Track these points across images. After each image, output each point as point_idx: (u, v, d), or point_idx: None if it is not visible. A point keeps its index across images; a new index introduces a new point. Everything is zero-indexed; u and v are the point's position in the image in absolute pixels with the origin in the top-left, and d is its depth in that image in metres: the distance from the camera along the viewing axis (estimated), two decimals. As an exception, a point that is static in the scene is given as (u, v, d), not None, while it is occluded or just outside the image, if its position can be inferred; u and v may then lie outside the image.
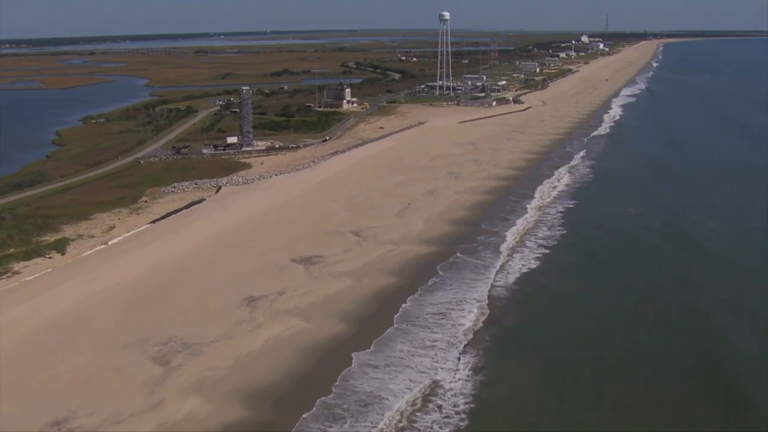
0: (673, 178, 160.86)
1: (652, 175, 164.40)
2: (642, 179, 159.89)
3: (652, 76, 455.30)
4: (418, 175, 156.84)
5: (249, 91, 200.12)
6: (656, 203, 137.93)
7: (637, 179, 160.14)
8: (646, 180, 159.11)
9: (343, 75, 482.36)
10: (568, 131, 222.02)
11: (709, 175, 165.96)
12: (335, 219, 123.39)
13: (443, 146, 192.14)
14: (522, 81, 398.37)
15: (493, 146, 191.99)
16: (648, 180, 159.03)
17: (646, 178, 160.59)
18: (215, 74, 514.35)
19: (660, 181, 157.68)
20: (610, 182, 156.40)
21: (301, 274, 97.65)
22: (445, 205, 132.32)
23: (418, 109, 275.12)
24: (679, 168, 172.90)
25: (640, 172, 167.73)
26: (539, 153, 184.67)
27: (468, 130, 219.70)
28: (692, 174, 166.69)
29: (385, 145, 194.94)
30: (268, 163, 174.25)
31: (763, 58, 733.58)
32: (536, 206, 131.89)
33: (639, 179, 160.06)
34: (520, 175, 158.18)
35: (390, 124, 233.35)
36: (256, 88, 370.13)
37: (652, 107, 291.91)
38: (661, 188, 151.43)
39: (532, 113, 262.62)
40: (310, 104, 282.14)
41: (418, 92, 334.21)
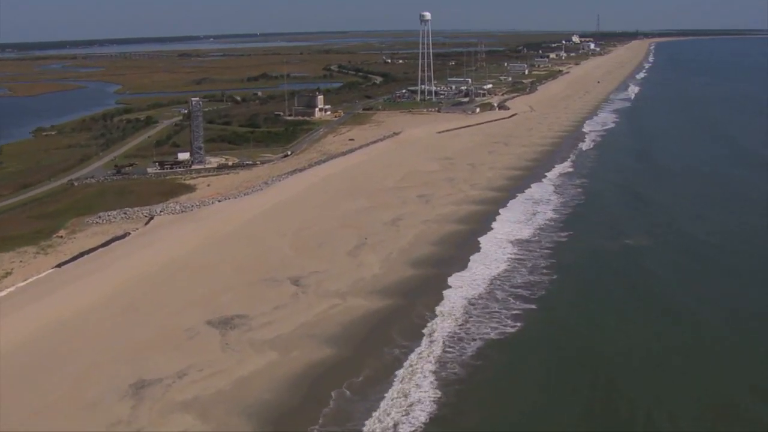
0: (668, 197, 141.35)
1: (646, 195, 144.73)
2: (636, 200, 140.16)
3: (644, 78, 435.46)
4: (383, 199, 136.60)
5: (199, 102, 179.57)
6: (656, 231, 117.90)
7: (631, 200, 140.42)
8: (640, 201, 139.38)
9: (323, 79, 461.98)
10: (556, 142, 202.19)
11: (705, 196, 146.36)
12: (275, 260, 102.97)
13: (417, 161, 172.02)
14: (509, 84, 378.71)
15: (473, 161, 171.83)
16: (643, 201, 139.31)
17: (640, 199, 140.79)
18: (192, 79, 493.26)
19: (656, 202, 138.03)
20: (604, 204, 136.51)
21: (215, 343, 77.25)
22: (410, 239, 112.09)
23: (395, 116, 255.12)
24: (676, 186, 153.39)
25: (635, 191, 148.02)
26: (523, 169, 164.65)
27: (446, 142, 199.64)
28: (690, 191, 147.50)
29: (353, 160, 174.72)
30: (216, 184, 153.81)
31: (757, 56, 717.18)
32: (516, 240, 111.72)
33: (633, 200, 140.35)
34: (500, 198, 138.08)
35: (362, 134, 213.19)
36: (228, 95, 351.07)
37: (645, 113, 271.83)
38: (656, 210, 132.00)
39: (518, 121, 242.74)
40: (280, 113, 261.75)
41: (398, 97, 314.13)
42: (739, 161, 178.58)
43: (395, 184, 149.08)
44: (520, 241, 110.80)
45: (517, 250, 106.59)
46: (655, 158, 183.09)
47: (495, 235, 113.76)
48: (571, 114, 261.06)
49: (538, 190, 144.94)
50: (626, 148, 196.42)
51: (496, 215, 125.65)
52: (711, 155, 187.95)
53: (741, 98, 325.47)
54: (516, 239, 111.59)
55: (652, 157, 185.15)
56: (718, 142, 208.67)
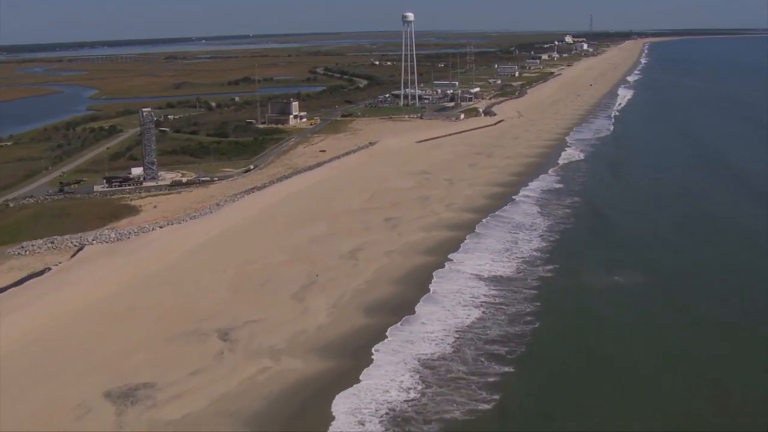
0: (663, 220, 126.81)
1: (639, 215, 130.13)
2: (629, 223, 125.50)
3: (638, 81, 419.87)
4: (345, 224, 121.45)
5: (150, 113, 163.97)
6: (650, 264, 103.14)
7: (622, 222, 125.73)
8: (633, 224, 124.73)
9: (307, 82, 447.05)
10: (543, 152, 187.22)
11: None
12: (206, 305, 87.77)
13: (390, 177, 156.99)
14: (498, 87, 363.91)
15: (451, 176, 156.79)
16: (635, 224, 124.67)
17: (633, 223, 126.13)
18: (172, 83, 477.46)
19: (650, 224, 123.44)
20: (593, 229, 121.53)
21: (107, 424, 62.09)
22: (368, 276, 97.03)
23: (374, 124, 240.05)
24: (673, 205, 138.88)
25: (626, 211, 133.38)
26: (506, 185, 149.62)
27: (425, 153, 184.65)
28: (685, 212, 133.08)
29: (319, 176, 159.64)
30: (164, 205, 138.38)
31: (753, 56, 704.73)
32: (492, 277, 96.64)
33: (624, 222, 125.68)
34: (478, 221, 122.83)
35: (336, 145, 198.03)
36: (204, 100, 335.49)
37: (638, 120, 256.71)
38: (649, 233, 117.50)
39: (504, 128, 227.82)
40: (252, 120, 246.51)
41: (380, 102, 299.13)
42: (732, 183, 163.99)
43: (361, 205, 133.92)
44: (497, 278, 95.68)
45: (493, 290, 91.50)
46: (650, 172, 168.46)
47: (468, 271, 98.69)
48: (561, 120, 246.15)
49: (520, 210, 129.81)
50: (619, 161, 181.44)
51: (472, 244, 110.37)
52: (705, 173, 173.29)
53: (734, 102, 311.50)
54: (492, 276, 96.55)
55: (646, 170, 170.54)
56: (711, 157, 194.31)
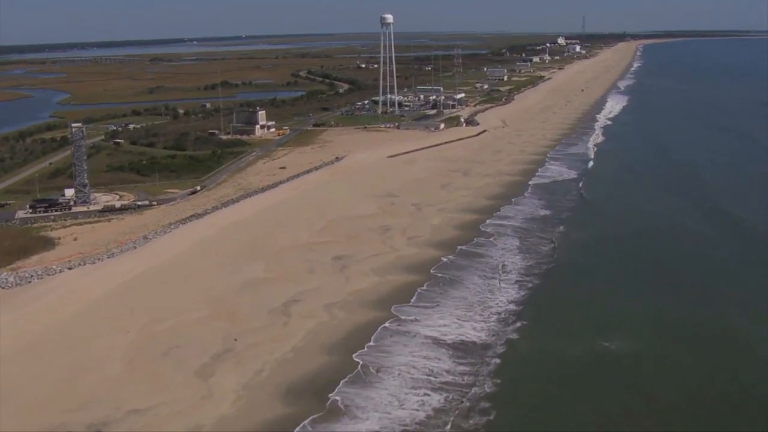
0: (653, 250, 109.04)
1: (631, 252, 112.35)
2: (620, 262, 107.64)
3: (632, 85, 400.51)
4: (287, 264, 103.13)
5: (81, 129, 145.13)
6: (638, 323, 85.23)
7: (614, 258, 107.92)
8: (624, 261, 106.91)
9: (287, 87, 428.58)
10: (527, 169, 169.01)
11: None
12: (89, 384, 69.39)
13: (351, 200, 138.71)
14: (485, 92, 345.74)
15: (420, 199, 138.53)
16: (624, 259, 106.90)
17: (624, 261, 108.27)
18: (148, 88, 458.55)
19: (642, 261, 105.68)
20: (581, 271, 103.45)
21: None
22: (298, 340, 78.79)
23: (347, 134, 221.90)
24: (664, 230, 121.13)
25: (618, 242, 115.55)
26: (481, 212, 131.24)
27: (395, 171, 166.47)
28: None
29: (272, 199, 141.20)
30: (86, 237, 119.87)
31: (749, 59, 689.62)
32: (453, 343, 78.35)
33: (616, 258, 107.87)
34: (443, 260, 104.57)
35: (299, 160, 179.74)
36: (172, 107, 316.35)
37: (632, 130, 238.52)
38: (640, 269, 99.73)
39: (486, 140, 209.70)
40: (215, 131, 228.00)
41: (358, 110, 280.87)
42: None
43: (311, 238, 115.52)
44: (459, 345, 77.46)
45: (457, 362, 73.31)
46: (647, 194, 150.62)
47: (425, 332, 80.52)
48: (549, 130, 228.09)
49: (497, 245, 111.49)
50: (612, 179, 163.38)
51: (433, 293, 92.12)
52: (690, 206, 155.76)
53: (731, 108, 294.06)
54: (454, 342, 78.28)
55: (641, 190, 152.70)
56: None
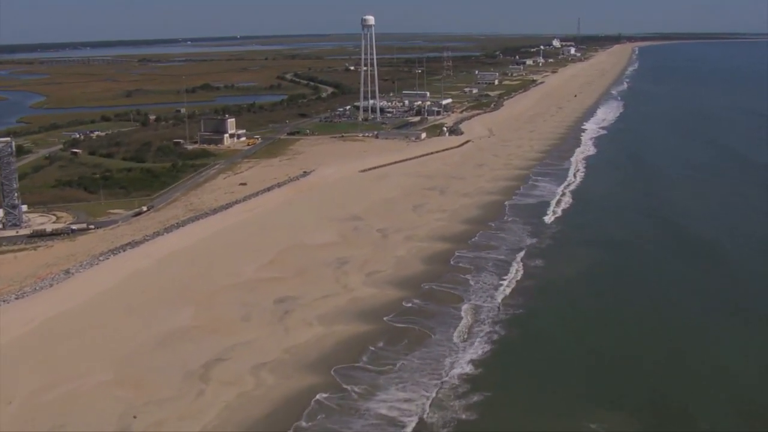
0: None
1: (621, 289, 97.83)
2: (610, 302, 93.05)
3: (626, 92, 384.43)
4: (220, 309, 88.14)
5: (9, 144, 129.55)
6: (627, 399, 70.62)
7: (602, 303, 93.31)
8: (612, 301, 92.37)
9: (269, 90, 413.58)
10: (510, 186, 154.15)
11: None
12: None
13: (310, 225, 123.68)
14: (473, 97, 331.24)
15: (387, 224, 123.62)
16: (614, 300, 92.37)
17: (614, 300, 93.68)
18: (125, 90, 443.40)
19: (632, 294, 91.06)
20: (566, 319, 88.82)
21: None
22: (211, 417, 64.02)
23: (321, 144, 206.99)
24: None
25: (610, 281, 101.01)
26: (454, 240, 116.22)
27: (365, 188, 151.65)
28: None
29: (223, 222, 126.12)
30: (3, 270, 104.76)
31: (746, 63, 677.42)
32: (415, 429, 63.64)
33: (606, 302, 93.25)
34: (404, 305, 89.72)
35: (264, 174, 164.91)
36: (144, 112, 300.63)
37: (625, 141, 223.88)
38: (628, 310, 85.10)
39: (469, 151, 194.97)
40: (180, 140, 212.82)
41: (337, 117, 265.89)
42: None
43: (256, 273, 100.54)
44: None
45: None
46: (634, 220, 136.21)
47: (375, 412, 65.60)
48: (537, 141, 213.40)
49: (470, 284, 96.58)
50: (603, 198, 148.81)
51: (388, 355, 77.05)
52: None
53: (730, 117, 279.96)
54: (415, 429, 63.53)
55: (629, 214, 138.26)
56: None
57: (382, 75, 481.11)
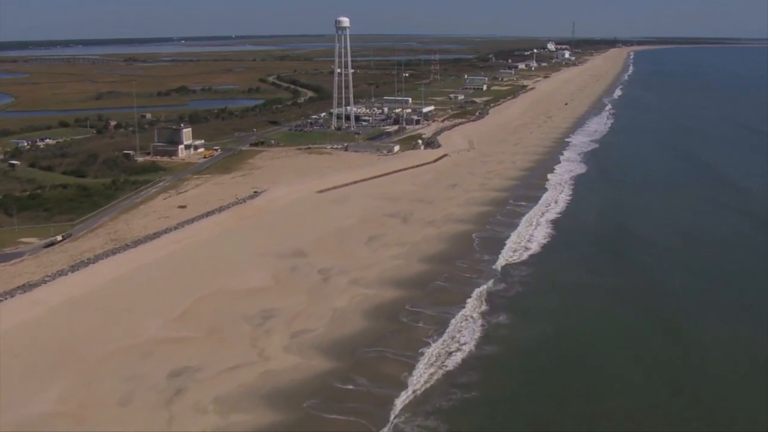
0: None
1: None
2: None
3: (620, 99, 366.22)
4: (99, 385, 70.23)
5: None
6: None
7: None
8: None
9: (248, 93, 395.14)
10: (484, 214, 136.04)
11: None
12: None
13: (242, 263, 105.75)
14: (458, 104, 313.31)
15: (333, 262, 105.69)
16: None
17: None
18: (99, 92, 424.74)
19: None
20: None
21: None
22: None
23: (283, 158, 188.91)
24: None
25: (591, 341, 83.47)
26: (408, 285, 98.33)
27: (318, 213, 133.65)
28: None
29: (142, 258, 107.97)
30: None
31: (743, 69, 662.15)
32: None
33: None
34: (337, 383, 71.83)
35: (210, 194, 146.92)
36: (106, 118, 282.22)
37: (616, 157, 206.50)
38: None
39: (444, 168, 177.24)
40: (130, 151, 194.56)
41: (310, 125, 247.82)
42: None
43: (160, 331, 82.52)
44: None
45: None
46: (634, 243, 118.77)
47: None
48: (521, 156, 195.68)
49: (417, 359, 78.59)
50: (589, 229, 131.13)
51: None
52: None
53: (729, 127, 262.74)
54: None
55: (621, 249, 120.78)
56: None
57: (367, 79, 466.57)
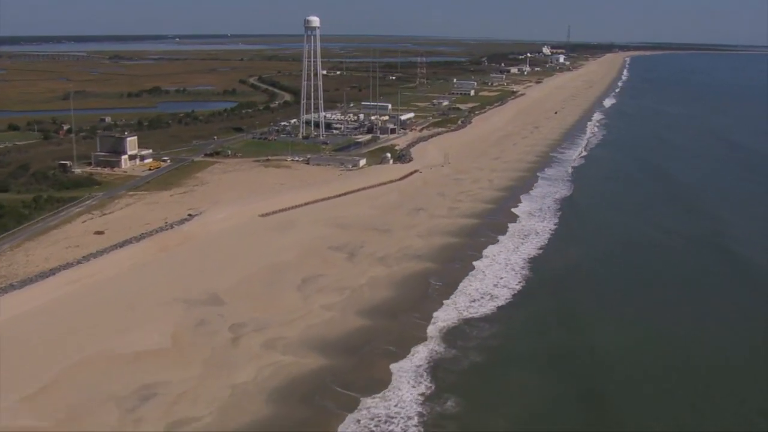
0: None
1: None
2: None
3: (613, 109, 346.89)
4: None
5: None
6: None
7: None
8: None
9: (223, 96, 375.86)
10: (448, 247, 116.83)
11: None
12: None
13: (142, 313, 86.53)
14: (441, 111, 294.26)
15: (251, 314, 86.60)
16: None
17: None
18: (67, 90, 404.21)
19: None
20: None
21: None
22: None
23: (235, 172, 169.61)
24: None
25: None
26: (336, 350, 79.18)
27: (255, 243, 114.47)
28: None
29: (21, 305, 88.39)
30: None
31: (739, 77, 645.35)
32: None
33: None
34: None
35: (137, 216, 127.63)
36: (60, 123, 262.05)
37: (608, 172, 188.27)
38: None
39: (411, 188, 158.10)
40: (67, 162, 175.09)
41: (276, 132, 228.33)
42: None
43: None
44: None
45: None
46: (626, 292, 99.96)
47: None
48: (500, 173, 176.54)
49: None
50: (571, 273, 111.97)
51: None
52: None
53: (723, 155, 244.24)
54: None
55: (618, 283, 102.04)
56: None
57: (353, 81, 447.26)
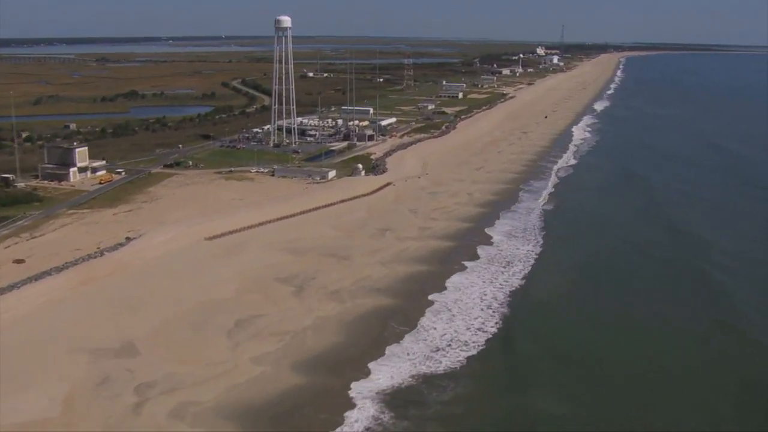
0: None
1: None
2: None
3: (606, 112, 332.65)
4: None
5: None
6: None
7: None
8: None
9: (202, 100, 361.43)
10: (414, 277, 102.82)
11: None
12: None
13: (39, 363, 72.57)
14: (425, 116, 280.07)
15: (166, 367, 72.44)
16: None
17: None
18: (40, 95, 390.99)
19: None
20: None
21: None
22: None
23: (192, 185, 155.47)
24: None
25: None
26: (263, 417, 65.27)
27: (193, 273, 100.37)
28: None
29: None
30: None
31: (734, 78, 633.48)
32: None
33: None
34: None
35: (70, 240, 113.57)
36: (19, 130, 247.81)
37: (601, 182, 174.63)
38: None
39: (380, 203, 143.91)
40: (9, 175, 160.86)
41: (247, 140, 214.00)
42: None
43: None
44: None
45: None
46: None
47: None
48: (481, 185, 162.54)
49: None
50: (557, 312, 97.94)
51: None
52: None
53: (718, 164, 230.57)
54: None
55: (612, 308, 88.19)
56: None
57: (339, 84, 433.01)
